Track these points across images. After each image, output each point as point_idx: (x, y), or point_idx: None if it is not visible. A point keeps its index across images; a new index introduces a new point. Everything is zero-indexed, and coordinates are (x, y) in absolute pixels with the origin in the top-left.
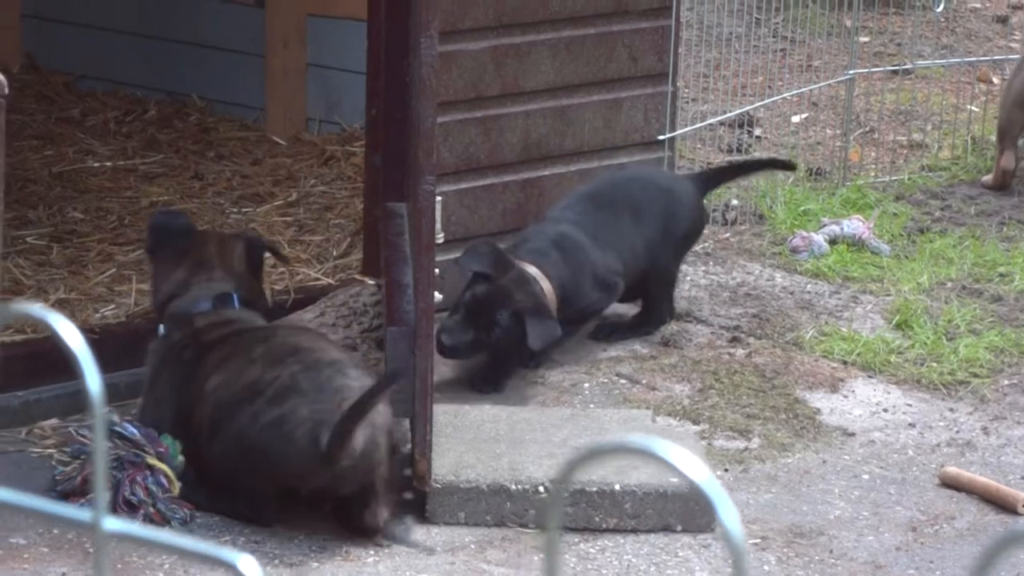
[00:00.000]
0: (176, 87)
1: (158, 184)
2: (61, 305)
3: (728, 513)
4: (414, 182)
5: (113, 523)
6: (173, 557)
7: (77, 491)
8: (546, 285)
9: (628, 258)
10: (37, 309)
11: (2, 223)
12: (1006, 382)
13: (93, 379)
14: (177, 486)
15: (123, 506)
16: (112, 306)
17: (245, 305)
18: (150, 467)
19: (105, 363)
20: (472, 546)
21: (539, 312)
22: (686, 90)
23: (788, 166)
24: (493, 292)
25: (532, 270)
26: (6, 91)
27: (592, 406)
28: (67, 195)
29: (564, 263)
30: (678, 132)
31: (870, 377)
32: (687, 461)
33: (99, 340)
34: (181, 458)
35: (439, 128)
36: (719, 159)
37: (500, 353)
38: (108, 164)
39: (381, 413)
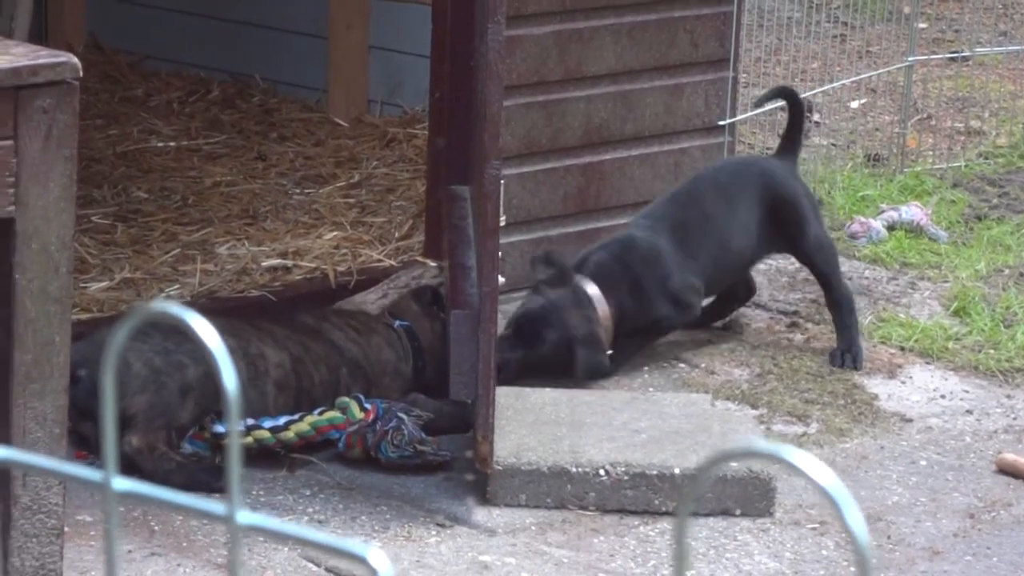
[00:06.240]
0: (239, 68)
1: (221, 164)
2: (126, 284)
3: (855, 519)
4: (479, 166)
5: (245, 516)
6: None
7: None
8: (602, 308)
9: (721, 256)
10: (174, 308)
11: (74, 205)
12: None
13: (230, 378)
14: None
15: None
16: (177, 286)
17: None
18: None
19: None
20: (533, 528)
21: (589, 341)
22: (744, 75)
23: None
24: (544, 311)
25: (591, 289)
26: (80, 74)
27: (651, 390)
28: (131, 175)
29: (628, 281)
30: (739, 118)
31: (928, 363)
32: (813, 466)
33: None
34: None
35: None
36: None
37: (550, 371)
38: (172, 144)
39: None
